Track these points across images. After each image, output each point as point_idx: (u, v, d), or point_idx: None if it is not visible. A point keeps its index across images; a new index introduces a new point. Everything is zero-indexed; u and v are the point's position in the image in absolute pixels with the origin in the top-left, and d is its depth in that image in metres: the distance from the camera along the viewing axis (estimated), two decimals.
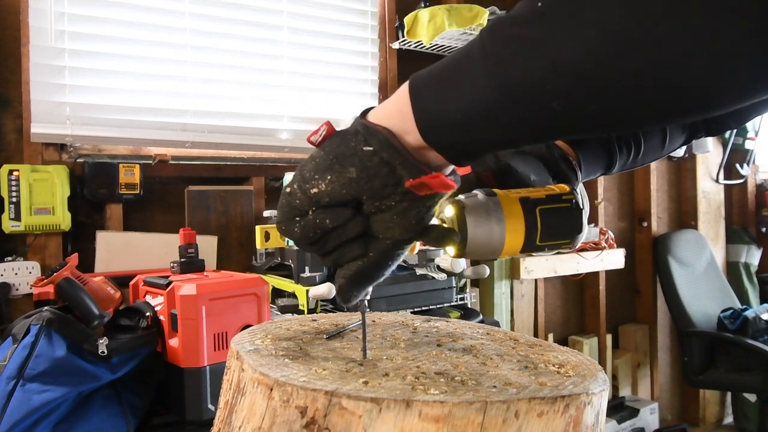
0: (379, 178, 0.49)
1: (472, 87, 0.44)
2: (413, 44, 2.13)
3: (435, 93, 0.47)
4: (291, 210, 0.52)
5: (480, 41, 0.44)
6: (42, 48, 1.59)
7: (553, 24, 0.40)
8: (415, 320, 0.76)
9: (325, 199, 0.51)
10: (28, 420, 0.98)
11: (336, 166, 0.50)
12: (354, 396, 0.45)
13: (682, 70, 0.37)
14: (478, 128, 0.46)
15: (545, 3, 0.41)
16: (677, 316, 2.82)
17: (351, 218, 0.51)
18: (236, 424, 0.52)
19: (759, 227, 3.40)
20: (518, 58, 0.42)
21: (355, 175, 0.50)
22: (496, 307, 2.31)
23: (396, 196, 0.50)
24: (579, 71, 0.39)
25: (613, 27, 0.37)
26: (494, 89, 0.43)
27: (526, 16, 0.42)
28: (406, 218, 0.51)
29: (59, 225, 1.56)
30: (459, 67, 0.46)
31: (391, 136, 0.48)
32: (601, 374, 0.53)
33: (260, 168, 1.95)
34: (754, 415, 3.00)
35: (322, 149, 0.52)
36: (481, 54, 0.44)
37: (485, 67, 0.43)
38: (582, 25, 0.39)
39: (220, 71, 1.87)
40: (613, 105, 0.41)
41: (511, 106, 0.43)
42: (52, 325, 1.05)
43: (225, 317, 1.16)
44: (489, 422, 0.44)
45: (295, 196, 0.52)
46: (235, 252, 1.84)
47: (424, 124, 0.47)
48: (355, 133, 0.50)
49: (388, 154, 0.48)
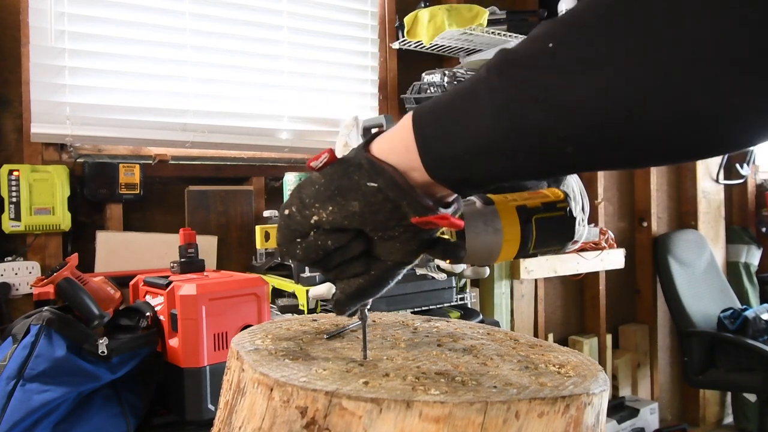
0: (383, 213, 0.49)
1: (480, 127, 0.43)
2: (413, 44, 2.13)
3: (441, 131, 0.46)
4: (291, 232, 0.52)
5: (487, 78, 0.43)
6: (42, 48, 1.59)
7: (565, 68, 0.39)
8: (416, 320, 0.76)
9: (326, 226, 0.50)
10: (28, 420, 0.98)
11: (338, 198, 0.49)
12: (354, 396, 0.45)
13: (700, 118, 0.36)
14: (487, 166, 0.45)
15: (556, 44, 0.39)
16: (677, 316, 2.82)
17: (353, 239, 0.51)
18: (236, 425, 0.52)
19: (759, 227, 3.40)
20: (529, 103, 0.40)
21: (358, 209, 0.49)
22: (496, 307, 2.30)
23: (399, 228, 0.50)
24: (593, 120, 0.39)
25: (626, 75, 0.36)
26: (504, 131, 0.42)
27: (536, 57, 0.40)
28: (409, 245, 0.51)
29: (59, 225, 1.56)
30: (465, 105, 0.44)
31: (397, 175, 0.48)
32: (602, 374, 0.53)
33: (260, 168, 1.95)
34: (754, 415, 3.00)
35: (323, 176, 0.51)
36: (489, 93, 0.42)
37: (494, 108, 0.42)
38: (595, 71, 0.38)
39: (220, 71, 1.87)
40: (628, 151, 0.40)
41: (521, 148, 0.42)
42: (52, 325, 1.05)
43: (225, 317, 1.16)
44: (489, 423, 0.44)
45: (295, 219, 0.51)
46: (235, 252, 1.84)
47: (430, 162, 0.47)
48: (358, 166, 0.49)
49: (394, 193, 0.48)
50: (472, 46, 2.19)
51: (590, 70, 0.38)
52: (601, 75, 0.37)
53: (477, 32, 2.00)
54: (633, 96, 0.37)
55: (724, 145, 0.39)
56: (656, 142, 0.39)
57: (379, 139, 0.51)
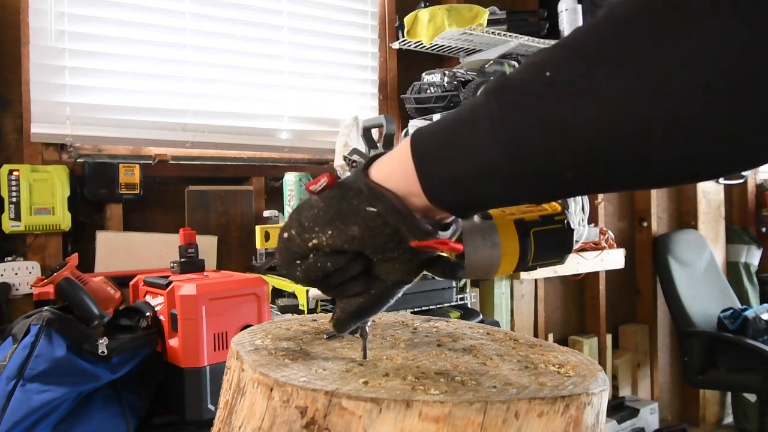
0: (382, 237, 0.50)
1: (480, 153, 0.43)
2: (413, 44, 2.13)
3: (440, 156, 0.46)
4: (290, 254, 0.53)
5: (486, 104, 0.43)
6: (42, 48, 1.59)
7: (564, 97, 0.39)
8: (415, 320, 0.76)
9: (325, 249, 0.51)
10: (28, 420, 0.98)
11: (337, 222, 0.50)
12: (354, 396, 0.45)
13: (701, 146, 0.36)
14: (486, 190, 0.45)
15: (554, 72, 0.39)
16: (677, 316, 2.82)
17: (352, 260, 0.52)
18: (236, 424, 0.52)
19: (759, 227, 3.40)
20: (529, 131, 0.40)
21: (358, 233, 0.49)
22: (496, 307, 2.30)
23: (399, 250, 0.51)
24: (593, 148, 0.39)
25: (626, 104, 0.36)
26: (503, 157, 0.42)
27: (534, 84, 0.40)
28: (408, 265, 0.52)
29: (59, 225, 1.56)
30: (465, 131, 0.45)
31: (397, 200, 0.48)
32: (601, 374, 0.53)
33: (260, 168, 1.95)
34: (754, 415, 2.99)
35: (322, 200, 0.51)
36: (489, 120, 0.43)
37: (494, 134, 0.42)
38: (594, 100, 0.38)
39: (220, 71, 1.87)
40: (628, 177, 0.41)
41: (521, 174, 0.43)
42: (52, 325, 1.05)
43: (225, 317, 1.16)
44: (489, 422, 0.44)
45: (294, 242, 0.52)
46: (235, 252, 1.84)
47: (430, 188, 0.47)
48: (357, 191, 0.50)
49: (394, 219, 0.48)
50: (472, 46, 2.19)
51: (590, 98, 0.38)
52: (601, 104, 0.37)
53: (477, 32, 2.00)
54: (633, 125, 0.37)
55: (725, 169, 0.39)
56: (656, 168, 0.39)
57: (377, 163, 0.51)
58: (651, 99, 0.36)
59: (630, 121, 0.37)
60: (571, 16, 2.21)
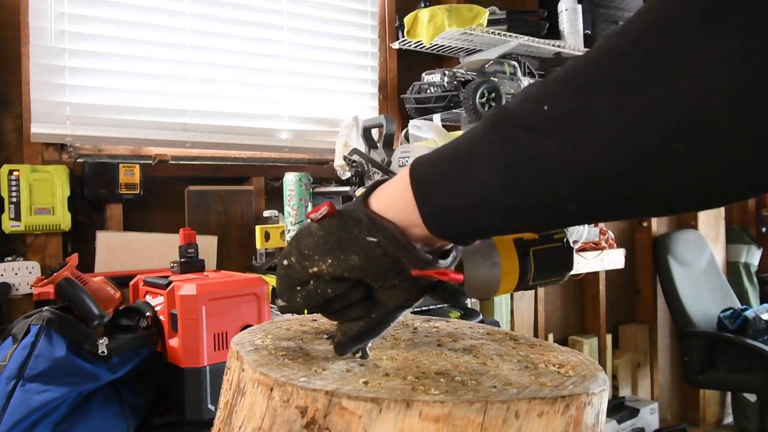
0: (382, 266, 0.50)
1: (479, 185, 0.43)
2: (413, 44, 2.13)
3: (439, 187, 0.46)
4: (291, 281, 0.54)
5: (485, 137, 0.43)
6: (42, 48, 1.59)
7: (563, 131, 0.39)
8: (416, 320, 0.76)
9: (326, 277, 0.52)
10: (28, 420, 0.98)
11: (337, 251, 0.50)
12: (354, 396, 0.45)
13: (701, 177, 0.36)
14: (486, 221, 0.45)
15: (552, 107, 0.39)
16: (677, 316, 2.82)
17: (353, 287, 0.52)
18: (236, 424, 0.52)
19: (759, 227, 3.40)
20: (528, 164, 0.40)
21: (358, 262, 0.50)
22: (496, 307, 2.30)
23: (399, 278, 0.51)
24: (592, 180, 0.39)
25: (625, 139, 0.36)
26: (504, 189, 0.42)
27: (532, 118, 0.40)
28: (409, 291, 0.52)
29: (59, 225, 1.56)
30: (464, 162, 0.45)
31: (397, 231, 0.48)
32: (601, 374, 0.53)
33: (260, 168, 1.95)
34: (754, 415, 2.99)
35: (322, 228, 0.52)
36: (488, 152, 0.43)
37: (493, 166, 0.42)
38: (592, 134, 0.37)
39: (220, 71, 1.87)
40: (628, 209, 0.41)
41: (520, 206, 0.43)
42: (52, 325, 1.05)
43: (225, 317, 1.16)
44: (489, 422, 0.44)
45: (294, 269, 0.53)
46: (235, 252, 1.84)
47: (429, 218, 0.47)
48: (357, 221, 0.50)
49: (394, 249, 0.49)
50: (472, 46, 2.19)
51: (588, 132, 0.38)
52: (600, 137, 0.37)
53: (477, 32, 2.00)
54: (633, 160, 0.37)
55: (726, 199, 0.40)
56: (658, 199, 0.39)
57: (377, 192, 0.51)
58: (650, 131, 0.35)
59: (630, 154, 0.37)
60: (571, 16, 2.21)
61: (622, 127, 0.36)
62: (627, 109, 0.36)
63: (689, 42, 0.34)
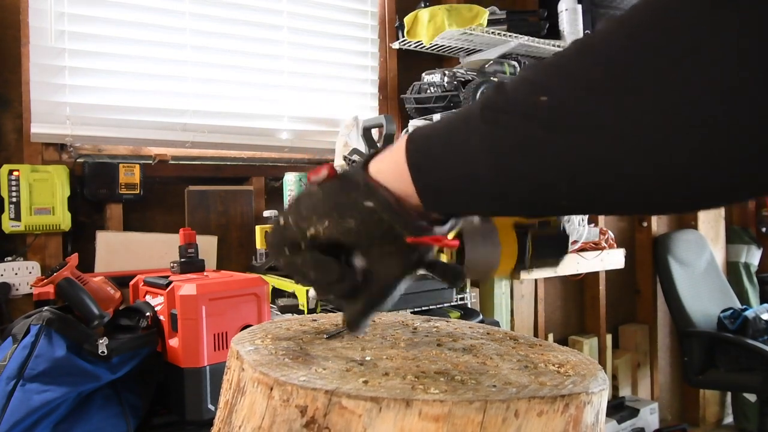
0: (378, 231, 0.50)
1: (471, 168, 0.43)
2: (413, 44, 2.13)
3: (433, 165, 0.46)
4: (283, 239, 0.54)
5: (480, 118, 0.42)
6: (42, 48, 1.59)
7: (557, 125, 0.38)
8: (415, 320, 0.76)
9: (321, 240, 0.52)
10: (28, 420, 0.98)
11: (334, 214, 0.50)
12: (354, 395, 0.45)
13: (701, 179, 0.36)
14: (482, 204, 0.46)
15: (549, 98, 0.38)
16: (677, 316, 2.82)
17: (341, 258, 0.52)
18: (236, 424, 0.52)
19: (759, 227, 3.40)
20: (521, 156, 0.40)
21: (354, 226, 0.50)
22: (496, 307, 2.30)
23: (395, 245, 0.51)
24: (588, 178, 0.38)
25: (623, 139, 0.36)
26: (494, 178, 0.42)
27: (527, 108, 0.40)
28: (406, 259, 0.52)
29: (59, 225, 1.56)
30: (457, 143, 0.44)
31: (391, 197, 0.48)
32: (601, 373, 0.53)
33: (260, 168, 1.95)
34: (754, 415, 2.99)
35: (321, 189, 0.52)
36: (480, 137, 0.42)
37: (485, 153, 0.42)
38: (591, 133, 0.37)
39: (220, 71, 1.87)
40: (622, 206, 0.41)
41: (511, 193, 0.43)
42: (52, 325, 1.05)
43: (225, 317, 1.16)
44: (489, 421, 0.44)
45: (290, 229, 0.53)
46: (235, 252, 1.84)
47: (425, 196, 0.47)
48: (355, 185, 0.50)
49: (389, 215, 0.49)
50: (472, 46, 2.19)
51: (586, 131, 0.37)
52: (599, 137, 0.37)
53: (477, 32, 2.00)
54: (632, 159, 0.36)
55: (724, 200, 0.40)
56: (656, 199, 0.39)
57: (377, 158, 0.51)
58: (648, 129, 0.35)
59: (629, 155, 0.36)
60: (571, 16, 2.21)
61: (619, 124, 0.36)
62: (626, 111, 0.36)
63: (687, 36, 0.34)
